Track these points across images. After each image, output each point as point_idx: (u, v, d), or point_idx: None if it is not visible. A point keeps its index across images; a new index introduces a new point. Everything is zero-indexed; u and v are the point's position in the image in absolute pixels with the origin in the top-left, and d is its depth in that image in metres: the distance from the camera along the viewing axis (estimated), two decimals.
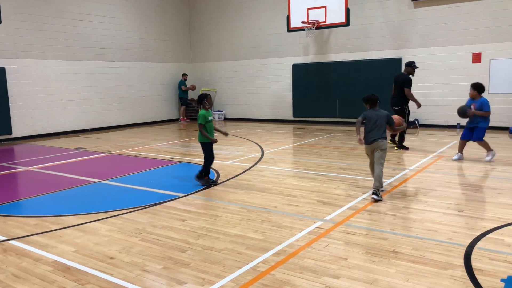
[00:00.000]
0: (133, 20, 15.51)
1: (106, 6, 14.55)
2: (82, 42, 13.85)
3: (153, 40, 16.31)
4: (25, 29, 12.36)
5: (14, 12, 11.95)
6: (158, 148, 10.24)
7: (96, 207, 5.52)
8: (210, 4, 17.08)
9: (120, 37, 15.07)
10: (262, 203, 5.47)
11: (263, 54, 15.91)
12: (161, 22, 16.60)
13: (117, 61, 14.99)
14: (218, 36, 17.06)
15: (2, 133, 11.97)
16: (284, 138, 11.50)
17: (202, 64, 17.76)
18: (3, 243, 4.31)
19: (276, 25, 15.29)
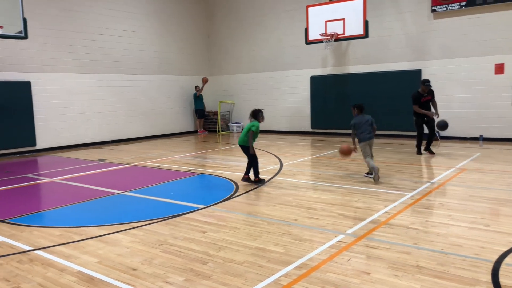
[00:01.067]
0: (153, 34, 15.81)
1: (128, 20, 14.88)
2: (104, 56, 14.17)
3: (173, 54, 16.57)
4: (50, 44, 12.71)
5: (40, 27, 12.32)
6: (177, 160, 10.34)
7: (118, 219, 5.59)
8: (229, 18, 17.30)
9: (141, 51, 15.36)
10: (282, 216, 5.45)
11: (281, 66, 15.99)
12: (181, 35, 16.87)
13: (138, 74, 15.27)
14: (236, 49, 17.24)
15: (27, 145, 12.27)
16: (302, 150, 11.48)
17: (220, 77, 17.93)
18: (29, 253, 4.40)
19: (294, 38, 15.38)
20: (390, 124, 13.39)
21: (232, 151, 11.71)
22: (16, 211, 6.04)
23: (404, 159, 9.53)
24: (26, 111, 12.13)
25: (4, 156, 11.79)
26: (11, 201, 6.79)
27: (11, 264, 4.11)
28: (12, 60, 11.90)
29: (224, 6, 17.42)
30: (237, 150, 11.83)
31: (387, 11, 13.42)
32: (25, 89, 12.11)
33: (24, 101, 12.08)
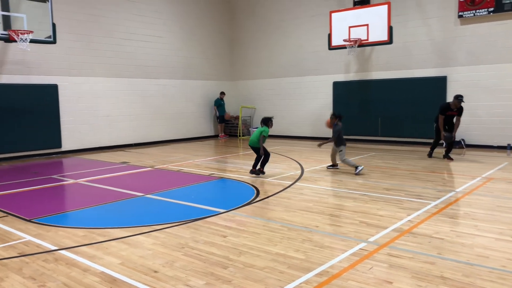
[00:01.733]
0: (178, 39, 16.02)
1: (153, 26, 15.12)
2: (129, 60, 14.42)
3: (197, 59, 16.75)
4: (77, 48, 13.03)
5: (68, 32, 12.64)
6: (198, 164, 10.41)
7: (140, 221, 5.66)
8: (251, 23, 17.39)
9: (166, 56, 15.58)
10: (303, 222, 5.42)
11: (303, 71, 15.96)
12: (205, 41, 17.04)
13: (162, 78, 15.48)
14: (258, 54, 17.30)
15: (53, 147, 12.57)
16: (324, 156, 11.40)
17: (242, 82, 18.02)
18: (54, 252, 4.49)
19: (316, 43, 15.34)
20: (413, 132, 13.19)
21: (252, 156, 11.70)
22: (42, 211, 6.18)
23: (427, 167, 9.36)
24: (53, 113, 12.44)
25: (31, 157, 12.10)
26: (38, 201, 6.96)
27: (37, 263, 4.21)
28: (41, 64, 12.24)
29: (247, 12, 17.53)
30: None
31: (411, 17, 13.26)
32: (53, 92, 12.43)
33: (51, 104, 12.39)
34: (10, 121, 11.58)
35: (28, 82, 11.98)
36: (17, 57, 11.71)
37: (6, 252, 4.54)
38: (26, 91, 11.87)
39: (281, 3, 16.38)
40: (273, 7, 16.63)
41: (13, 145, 11.72)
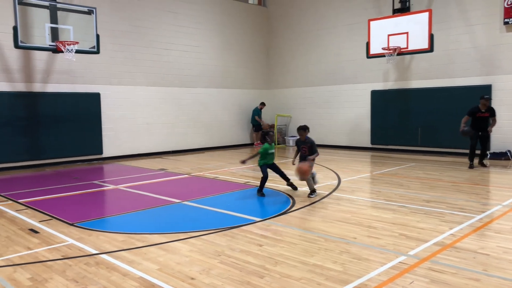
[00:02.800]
0: (215, 48, 16.27)
1: (191, 36, 15.44)
2: (168, 69, 14.77)
3: (233, 68, 16.94)
4: (119, 58, 13.47)
5: (111, 42, 13.10)
6: (234, 172, 10.46)
7: (178, 227, 5.74)
8: (288, 32, 17.43)
9: (203, 65, 15.84)
10: (340, 233, 5.32)
11: (340, 80, 15.80)
12: (241, 50, 17.22)
13: (199, 87, 15.74)
14: (294, 63, 17.29)
15: (94, 153, 12.99)
16: (362, 166, 11.20)
17: (278, 91, 18.04)
18: (96, 256, 4.62)
19: (353, 52, 15.17)
20: (455, 142, 12.73)
21: (288, 165, 11.66)
22: (84, 216, 6.38)
23: (471, 179, 9.00)
24: (95, 121, 12.88)
25: (73, 163, 12.55)
26: (80, 206, 7.19)
27: (79, 266, 4.34)
28: (84, 73, 12.73)
29: (283, 21, 17.59)
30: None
31: (454, 24, 12.88)
32: (95, 101, 12.89)
33: (93, 111, 12.85)
34: (55, 128, 12.08)
35: (73, 90, 12.48)
36: (63, 67, 12.23)
37: (50, 254, 4.70)
38: (70, 99, 12.36)
39: (318, 12, 16.34)
40: (310, 16, 16.61)
41: (57, 151, 12.20)
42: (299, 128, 7.69)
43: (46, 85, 12.01)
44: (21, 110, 11.49)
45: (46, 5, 10.27)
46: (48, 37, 10.23)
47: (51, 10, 10.30)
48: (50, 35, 10.24)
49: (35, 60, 11.76)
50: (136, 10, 13.86)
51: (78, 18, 10.78)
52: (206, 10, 15.95)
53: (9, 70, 11.33)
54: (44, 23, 10.21)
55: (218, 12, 16.36)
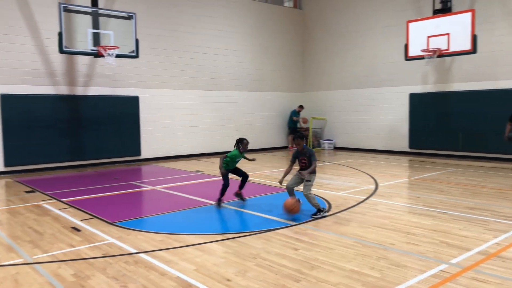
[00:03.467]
0: (250, 52, 16.36)
1: (227, 39, 15.59)
2: (204, 73, 14.98)
3: (269, 71, 16.97)
4: (157, 62, 13.78)
5: (149, 47, 13.42)
6: (269, 175, 10.46)
7: (213, 229, 5.79)
8: (324, 34, 17.29)
9: (238, 68, 15.96)
10: (378, 239, 5.21)
11: (377, 83, 15.52)
12: (277, 53, 17.23)
13: (234, 90, 15.87)
14: (331, 66, 17.13)
15: (133, 154, 13.33)
16: (400, 171, 10.94)
17: (313, 93, 17.92)
18: (134, 255, 4.73)
19: (391, 54, 14.87)
20: (499, 147, 12.21)
21: (323, 169, 11.56)
22: (123, 215, 6.55)
23: None
24: (133, 123, 13.23)
25: (113, 164, 12.92)
26: (119, 206, 7.39)
27: (119, 264, 4.46)
28: (124, 77, 13.10)
29: (319, 23, 17.47)
30: (329, 167, 11.67)
31: (498, 25, 12.39)
32: (134, 104, 13.23)
33: (132, 114, 13.19)
34: (96, 130, 12.48)
35: (113, 94, 12.86)
36: (104, 71, 12.63)
37: (92, 252, 4.86)
38: (110, 102, 12.75)
39: (355, 14, 16.13)
40: (347, 18, 16.42)
41: (98, 152, 12.60)
42: (296, 136, 6.45)
43: (88, 88, 12.45)
44: (64, 112, 11.95)
45: (89, 11, 10.65)
46: (90, 42, 10.58)
47: (93, 16, 10.67)
48: (92, 40, 10.59)
49: (77, 65, 12.21)
50: (173, 15, 14.15)
51: (118, 24, 11.10)
52: (242, 13, 16.08)
53: (53, 74, 11.82)
54: (86, 29, 10.57)
55: (253, 15, 16.45)
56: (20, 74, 11.27)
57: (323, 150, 16.74)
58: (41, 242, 5.24)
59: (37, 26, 11.47)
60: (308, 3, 17.97)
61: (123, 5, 12.75)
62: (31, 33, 11.39)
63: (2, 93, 10.94)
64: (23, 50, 11.28)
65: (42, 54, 11.59)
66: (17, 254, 4.84)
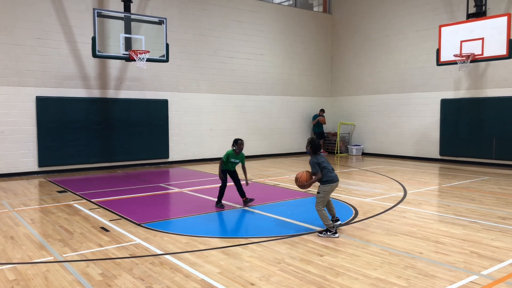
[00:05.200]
0: (278, 56, 16.38)
1: (255, 44, 15.66)
2: (231, 77, 15.08)
3: (296, 75, 16.93)
4: (185, 66, 13.99)
5: (178, 51, 13.63)
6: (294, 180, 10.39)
7: (238, 232, 5.81)
8: (353, 39, 17.13)
9: (266, 73, 16.00)
10: (405, 247, 5.10)
11: (407, 88, 15.23)
12: (305, 58, 17.18)
13: (261, 95, 15.90)
14: (359, 70, 16.94)
15: (161, 157, 13.55)
16: (429, 178, 10.68)
17: (341, 98, 17.75)
18: (160, 256, 4.79)
19: (423, 59, 14.57)
20: None
21: (350, 175, 11.42)
22: (150, 217, 6.66)
23: None
24: (162, 126, 13.45)
25: (142, 166, 13.16)
26: (147, 207, 7.52)
27: (145, 265, 4.53)
28: (154, 80, 13.34)
29: (348, 28, 17.32)
30: (356, 173, 11.52)
31: None
32: (163, 107, 13.45)
33: (161, 117, 13.42)
34: (126, 132, 12.76)
35: (143, 97, 13.12)
36: (134, 75, 12.91)
37: (119, 252, 4.95)
38: (140, 106, 13.01)
39: (385, 19, 15.91)
40: (376, 23, 16.21)
41: (127, 154, 12.86)
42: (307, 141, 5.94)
43: (119, 91, 12.75)
44: (96, 115, 12.28)
45: (122, 16, 10.92)
46: (122, 46, 10.83)
47: (125, 21, 10.93)
48: (124, 45, 10.85)
49: (109, 68, 12.53)
50: (202, 20, 14.33)
51: (149, 28, 11.33)
52: (270, 18, 16.12)
53: (86, 77, 12.17)
54: (119, 34, 10.83)
55: (282, 20, 16.47)
56: (55, 78, 11.66)
57: (351, 155, 16.53)
58: (71, 241, 5.38)
59: (72, 31, 11.85)
60: (337, 8, 17.86)
61: (155, 10, 13.02)
62: (66, 37, 11.78)
63: (37, 95, 11.34)
64: (58, 54, 11.67)
65: (76, 58, 11.96)
66: (48, 252, 4.99)
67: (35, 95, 11.33)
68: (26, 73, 11.23)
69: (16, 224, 6.25)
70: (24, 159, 11.28)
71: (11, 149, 11.06)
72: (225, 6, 14.83)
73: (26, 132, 11.26)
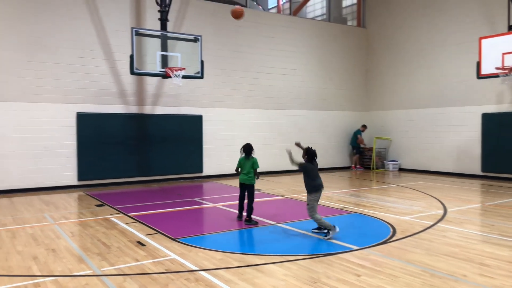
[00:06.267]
0: (312, 71, 16.34)
1: (289, 59, 15.71)
2: (264, 92, 15.15)
3: (330, 90, 16.81)
4: (220, 82, 14.17)
5: (212, 68, 13.84)
6: (329, 196, 10.25)
7: (273, 249, 5.73)
8: (388, 52, 16.89)
9: (299, 87, 15.98)
10: (448, 269, 4.88)
11: (446, 102, 14.80)
12: (339, 72, 17.06)
13: (295, 109, 15.87)
14: (395, 84, 16.64)
15: (195, 171, 13.69)
16: (471, 196, 10.26)
17: (377, 112, 17.46)
18: (195, 272, 4.79)
19: (462, 72, 14.15)
20: None
21: (387, 191, 11.14)
22: (185, 232, 6.69)
23: None
24: (197, 141, 13.63)
25: (177, 180, 13.33)
26: (181, 222, 7.57)
27: (181, 281, 4.53)
28: (189, 96, 13.59)
29: (384, 41, 17.11)
30: (393, 190, 11.23)
31: None
32: (198, 122, 13.65)
33: (196, 132, 13.61)
34: (162, 147, 13.00)
35: (178, 113, 13.37)
36: (170, 91, 13.19)
37: (155, 267, 4.99)
38: (176, 121, 13.25)
39: (422, 32, 15.62)
40: (412, 35, 15.93)
41: (163, 168, 13.08)
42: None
43: (155, 107, 13.04)
44: (133, 130, 12.59)
45: (158, 35, 11.23)
46: (158, 64, 11.12)
47: (162, 39, 11.23)
48: (160, 62, 11.13)
49: (146, 85, 12.86)
50: (236, 36, 14.52)
51: (185, 46, 11.58)
52: (304, 34, 16.15)
53: (124, 94, 12.53)
54: (155, 51, 11.13)
55: (315, 35, 16.46)
56: (95, 94, 12.07)
57: (387, 171, 16.15)
58: (108, 255, 5.48)
59: (111, 49, 12.28)
60: (372, 22, 17.70)
61: (190, 28, 13.32)
62: (105, 56, 12.21)
63: (78, 111, 11.76)
64: (97, 71, 12.11)
65: (114, 76, 12.35)
66: (86, 265, 5.09)
67: (76, 111, 11.76)
68: (68, 90, 11.69)
69: (57, 237, 6.43)
70: (65, 173, 11.66)
71: (53, 163, 11.48)
72: (258, 23, 14.99)
73: (67, 147, 11.67)
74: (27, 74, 11.16)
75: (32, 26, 11.22)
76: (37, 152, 11.27)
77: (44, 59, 11.36)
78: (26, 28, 11.15)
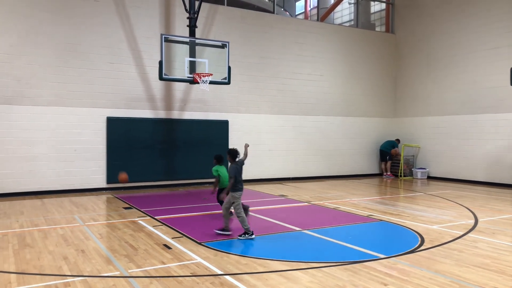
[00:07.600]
0: (339, 77, 16.23)
1: (315, 64, 15.66)
2: (291, 98, 15.14)
3: (357, 96, 16.65)
4: (246, 88, 14.26)
5: (239, 74, 13.94)
6: (356, 203, 10.12)
7: (298, 256, 5.70)
8: (418, 59, 16.61)
9: (326, 93, 15.90)
10: (478, 281, 4.73)
11: (477, 109, 14.41)
12: (366, 78, 16.88)
13: (321, 115, 15.78)
14: (424, 91, 16.33)
15: None
16: (503, 205, 9.93)
17: (405, 119, 17.16)
18: (220, 277, 4.82)
19: (495, 78, 13.76)
20: None
21: (415, 199, 10.91)
22: (210, 236, 6.74)
23: None
24: (223, 146, 13.71)
25: (202, 185, 13.45)
26: (207, 226, 7.62)
27: (206, 284, 4.56)
28: (216, 102, 13.72)
29: (413, 47, 16.83)
30: (422, 198, 11.00)
31: None
32: (224, 127, 13.75)
33: (222, 137, 13.71)
34: (188, 152, 13.16)
35: (205, 118, 13.51)
36: (197, 96, 13.36)
37: (181, 270, 5.04)
38: (203, 126, 13.40)
39: (453, 37, 15.29)
40: (442, 41, 15.62)
41: (189, 172, 13.23)
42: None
43: (183, 112, 13.23)
44: (160, 134, 12.80)
45: (187, 41, 11.40)
46: (186, 69, 11.28)
47: (190, 45, 11.40)
48: (188, 68, 11.29)
49: (174, 90, 13.07)
50: (263, 42, 14.60)
51: (212, 52, 11.72)
52: (331, 39, 16.08)
53: (153, 99, 12.77)
54: (184, 57, 11.31)
55: (343, 41, 16.36)
56: (124, 99, 12.35)
57: (416, 179, 15.83)
58: (135, 257, 5.57)
59: (141, 55, 12.55)
60: (401, 27, 17.46)
61: (218, 34, 13.48)
62: (135, 62, 12.49)
63: (108, 116, 12.05)
64: (127, 77, 12.39)
65: (144, 81, 12.61)
66: (114, 266, 5.20)
67: (106, 116, 12.05)
68: (98, 95, 12.01)
69: (86, 238, 6.60)
70: (94, 175, 11.95)
71: (83, 166, 11.79)
72: (285, 29, 15.03)
73: (97, 150, 11.96)
74: (60, 79, 11.53)
75: (66, 33, 11.60)
76: (68, 155, 11.60)
77: (77, 65, 11.72)
78: (61, 35, 11.54)
